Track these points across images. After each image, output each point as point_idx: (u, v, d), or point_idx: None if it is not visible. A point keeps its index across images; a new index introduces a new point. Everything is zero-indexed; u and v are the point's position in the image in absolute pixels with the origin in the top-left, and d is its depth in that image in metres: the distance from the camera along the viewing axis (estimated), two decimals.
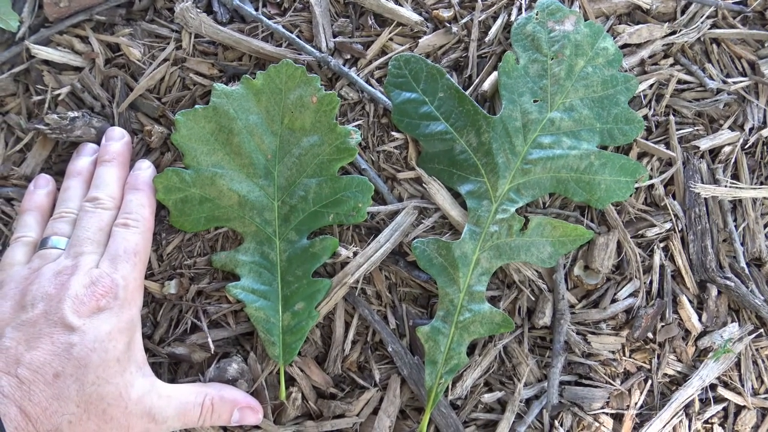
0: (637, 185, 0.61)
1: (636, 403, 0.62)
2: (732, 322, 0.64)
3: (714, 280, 0.63)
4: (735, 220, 0.65)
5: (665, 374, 0.63)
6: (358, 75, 0.62)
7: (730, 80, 0.66)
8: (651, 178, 0.63)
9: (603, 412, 0.62)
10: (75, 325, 0.46)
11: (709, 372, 0.63)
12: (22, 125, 0.62)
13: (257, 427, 0.59)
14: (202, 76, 0.62)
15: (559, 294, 0.61)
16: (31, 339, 0.45)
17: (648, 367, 0.63)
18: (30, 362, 0.44)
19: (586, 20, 0.62)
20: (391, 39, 0.64)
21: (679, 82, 0.66)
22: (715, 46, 0.67)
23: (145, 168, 0.58)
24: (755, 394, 0.65)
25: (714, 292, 0.64)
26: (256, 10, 0.64)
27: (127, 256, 0.51)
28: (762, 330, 0.65)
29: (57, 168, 0.61)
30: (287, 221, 0.58)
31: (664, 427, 0.62)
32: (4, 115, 0.63)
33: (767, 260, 0.65)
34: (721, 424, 0.64)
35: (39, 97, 0.62)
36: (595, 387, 0.62)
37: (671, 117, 0.64)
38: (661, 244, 0.64)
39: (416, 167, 0.61)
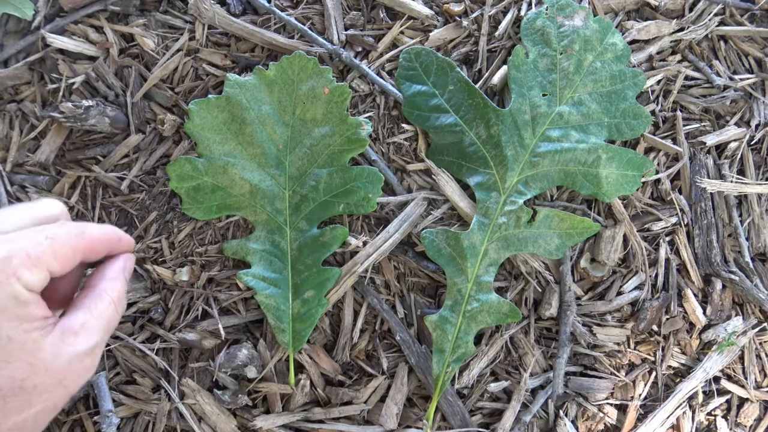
0: (643, 179, 0.62)
1: (640, 395, 0.63)
2: (736, 315, 0.65)
3: (719, 274, 0.64)
4: (740, 215, 0.66)
5: (669, 366, 0.64)
6: (369, 67, 0.63)
7: (737, 77, 0.67)
8: (657, 172, 0.64)
9: (607, 403, 0.63)
10: None
11: (712, 365, 0.64)
12: (36, 113, 0.63)
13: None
14: (214, 66, 0.63)
15: (565, 285, 0.62)
16: None
17: (652, 359, 0.64)
18: None
19: (595, 16, 0.62)
20: (402, 32, 0.64)
21: (687, 78, 0.66)
22: (722, 43, 0.68)
23: None
24: (758, 386, 0.65)
25: (719, 285, 0.64)
26: (269, 2, 0.64)
27: None
28: (766, 324, 0.65)
29: (70, 156, 0.62)
30: (298, 210, 0.58)
31: (667, 418, 0.62)
32: (20, 102, 0.63)
33: None
34: (724, 416, 0.65)
35: (54, 86, 0.63)
36: (600, 378, 0.63)
37: (678, 113, 0.65)
38: (667, 238, 0.64)
39: (426, 159, 0.62)
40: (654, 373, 0.64)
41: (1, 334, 0.39)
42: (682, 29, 0.66)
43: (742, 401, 0.65)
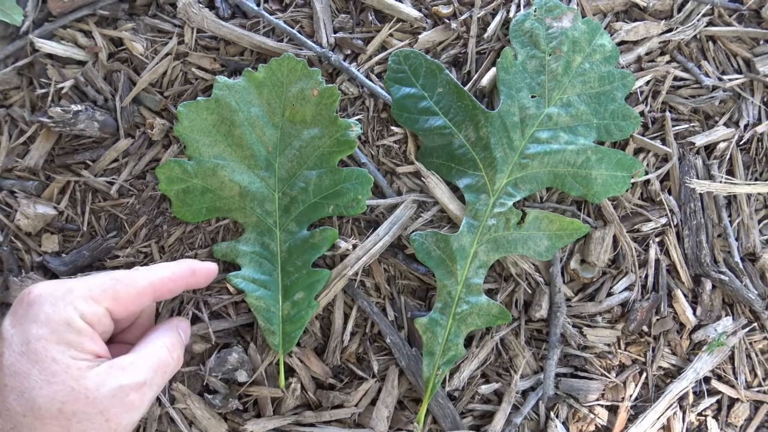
0: (633, 180, 0.62)
1: (631, 395, 0.63)
2: (726, 315, 0.65)
3: (708, 274, 0.64)
4: (730, 216, 0.66)
5: (660, 367, 0.64)
6: (358, 70, 0.63)
7: (725, 77, 0.67)
8: (647, 173, 0.64)
9: (598, 404, 0.63)
10: (5, 335, 0.42)
11: (703, 365, 0.64)
12: (25, 118, 0.63)
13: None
14: (204, 70, 0.63)
15: (555, 287, 0.62)
16: None
17: (643, 359, 0.64)
18: None
19: (583, 17, 0.63)
20: (391, 35, 0.64)
21: (676, 78, 0.66)
22: (711, 43, 0.68)
23: None
24: (748, 387, 0.65)
25: (708, 286, 0.65)
26: (258, 5, 0.64)
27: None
28: (755, 324, 0.66)
29: (59, 161, 0.62)
30: (288, 212, 0.58)
31: (658, 419, 0.62)
32: (8, 107, 0.63)
33: (761, 255, 0.66)
34: (715, 417, 0.65)
35: (42, 91, 0.62)
36: (591, 379, 0.63)
37: (667, 113, 0.65)
38: (657, 239, 0.65)
39: (415, 161, 0.62)
40: (644, 374, 0.64)
41: (47, 355, 0.40)
42: (670, 30, 0.67)
43: (733, 401, 0.65)
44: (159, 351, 0.47)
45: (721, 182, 0.65)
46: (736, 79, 0.67)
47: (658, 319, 0.64)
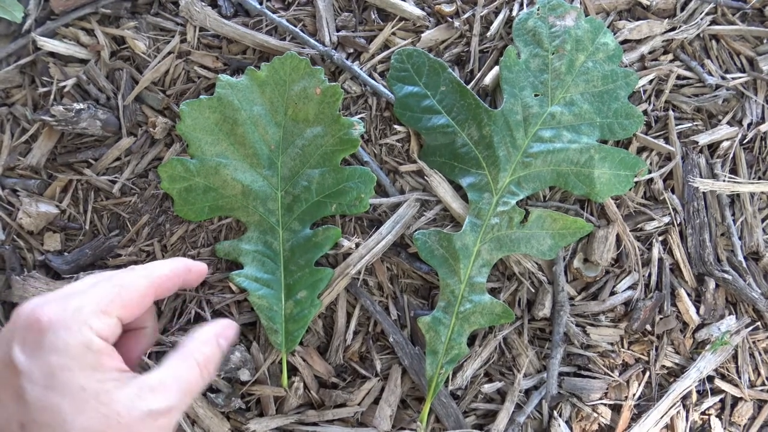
0: (636, 179, 0.62)
1: (634, 395, 0.63)
2: (729, 314, 0.65)
3: (712, 273, 0.64)
4: (733, 215, 0.66)
5: (663, 366, 0.64)
6: (361, 69, 0.63)
7: (728, 76, 0.67)
8: (650, 172, 0.64)
9: (601, 403, 0.62)
10: (21, 367, 0.39)
11: (706, 364, 0.64)
12: (27, 116, 0.63)
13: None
14: (206, 69, 0.63)
15: (558, 286, 0.62)
16: None
17: (646, 358, 0.64)
18: None
19: (586, 16, 0.62)
20: (393, 33, 0.64)
21: (679, 77, 0.66)
22: (714, 42, 0.68)
23: None
24: (752, 385, 0.65)
25: (712, 285, 0.64)
26: (260, 3, 0.64)
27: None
28: (759, 323, 0.65)
29: (61, 160, 0.62)
30: (290, 211, 0.58)
31: (661, 418, 0.62)
32: (10, 106, 0.63)
33: (765, 254, 0.66)
34: (718, 416, 0.65)
35: (45, 89, 0.62)
36: (594, 378, 0.62)
37: (670, 112, 0.65)
38: (660, 238, 0.64)
39: (418, 160, 0.62)
40: (648, 373, 0.64)
41: (75, 383, 0.39)
42: (673, 29, 0.67)
43: (736, 400, 0.65)
44: (190, 372, 0.44)
45: (724, 181, 0.65)
46: (740, 77, 0.67)
47: (661, 318, 0.64)
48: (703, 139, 0.65)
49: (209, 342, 0.47)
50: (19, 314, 0.41)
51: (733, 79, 0.67)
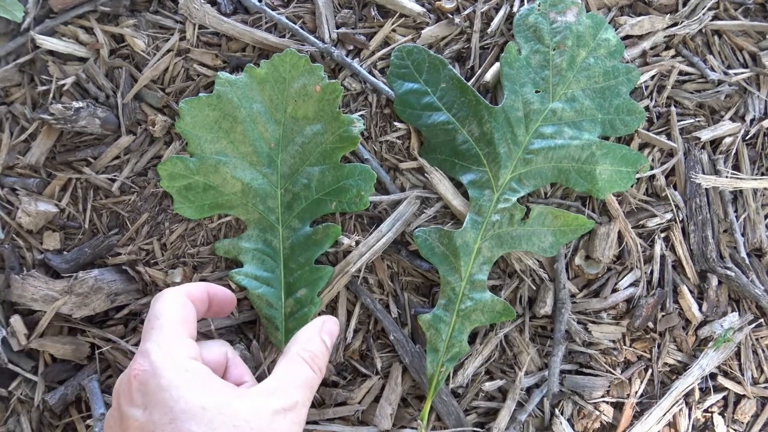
0: (638, 176, 0.61)
1: (636, 392, 0.63)
2: (732, 311, 0.65)
3: (714, 270, 0.64)
4: (736, 211, 0.65)
5: (665, 363, 0.64)
6: (360, 66, 0.62)
7: (731, 71, 0.66)
8: (652, 168, 0.64)
9: (603, 401, 0.62)
10: (141, 420, 0.41)
11: (709, 361, 0.63)
12: (27, 115, 0.63)
13: None
14: (205, 66, 0.63)
15: (560, 283, 0.61)
16: None
17: (648, 356, 0.63)
18: None
19: (588, 11, 0.62)
20: (393, 30, 0.64)
21: (681, 73, 0.66)
22: (716, 37, 0.67)
23: None
24: (755, 383, 0.65)
25: (714, 282, 0.64)
26: (260, 1, 0.64)
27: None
28: (762, 320, 0.65)
29: (61, 158, 0.62)
30: (290, 209, 0.58)
31: (664, 415, 0.62)
32: (10, 105, 0.63)
33: (767, 251, 0.65)
34: (721, 413, 0.64)
35: (44, 88, 0.62)
36: (596, 376, 0.62)
37: (672, 108, 0.65)
38: (662, 234, 0.64)
39: (418, 157, 0.61)
40: (650, 371, 0.63)
41: (195, 406, 0.40)
42: (675, 24, 0.66)
43: (739, 398, 0.65)
44: (301, 370, 0.46)
45: (727, 177, 0.65)
46: (742, 73, 0.66)
47: (663, 316, 0.63)
48: (706, 135, 0.65)
49: (312, 339, 0.49)
50: (116, 385, 0.44)
51: (736, 74, 0.66)
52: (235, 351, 0.52)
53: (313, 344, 0.48)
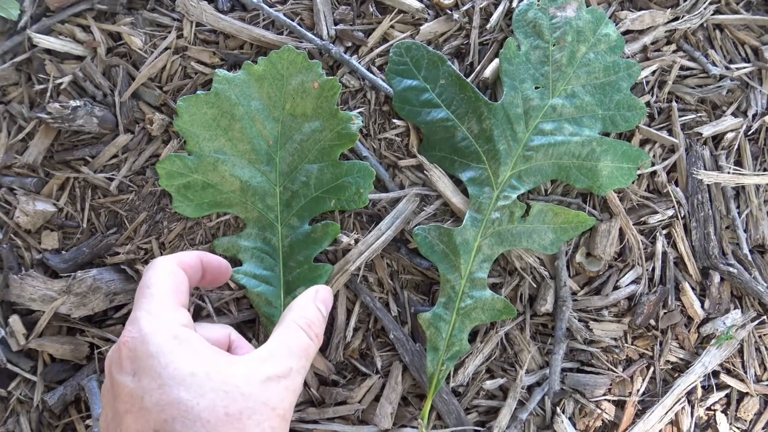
0: (639, 172, 0.61)
1: (638, 390, 0.62)
2: (735, 308, 0.64)
3: (717, 266, 0.63)
4: (738, 207, 0.65)
5: (667, 361, 0.63)
6: (359, 62, 0.62)
7: (733, 66, 0.66)
8: (653, 164, 0.63)
9: (605, 399, 0.62)
10: (131, 386, 0.40)
11: (711, 359, 0.63)
12: (24, 114, 0.62)
13: None
14: (203, 64, 0.63)
15: (560, 281, 0.61)
16: None
17: (650, 354, 0.63)
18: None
19: (587, 6, 0.61)
20: (392, 26, 0.63)
21: (682, 68, 0.65)
22: (718, 32, 0.67)
23: None
24: (758, 380, 0.65)
25: (716, 278, 0.64)
26: None
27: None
28: (765, 317, 0.65)
29: (58, 158, 0.61)
30: (289, 207, 0.58)
31: (666, 413, 0.61)
32: (7, 104, 0.63)
33: None
34: (724, 411, 0.64)
35: (41, 86, 0.62)
36: (597, 374, 0.62)
37: (674, 103, 0.64)
38: (664, 231, 0.64)
39: (417, 154, 0.61)
40: (652, 368, 0.63)
41: (184, 372, 0.39)
42: (676, 18, 0.66)
43: (742, 395, 0.64)
44: (295, 336, 0.45)
45: (729, 173, 0.64)
46: (744, 68, 0.66)
47: (665, 313, 0.63)
48: (707, 130, 0.64)
49: (307, 306, 0.48)
50: (108, 354, 0.43)
51: (738, 69, 0.66)
52: (239, 335, 0.51)
53: (309, 311, 0.48)
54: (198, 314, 0.60)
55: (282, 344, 0.44)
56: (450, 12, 0.63)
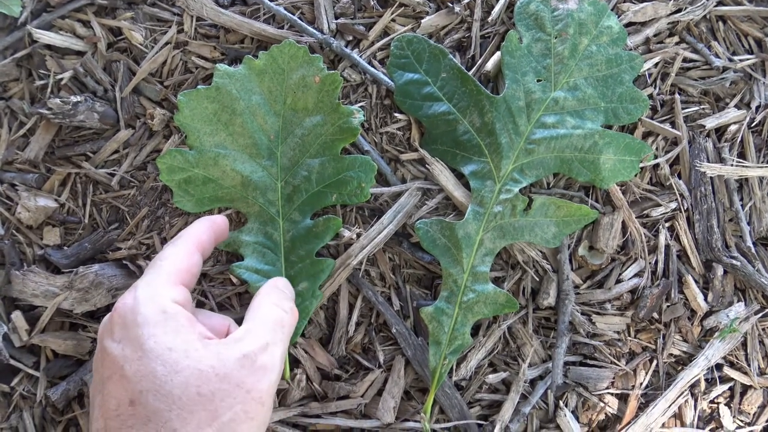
0: (642, 165, 0.60)
1: (641, 383, 0.62)
2: (738, 301, 0.64)
3: (720, 259, 0.63)
4: (741, 199, 0.65)
5: (671, 354, 0.63)
6: (360, 56, 0.62)
7: (736, 58, 0.65)
8: (656, 157, 0.63)
9: (608, 393, 0.62)
10: (116, 353, 0.41)
11: (714, 352, 0.63)
12: (25, 110, 0.62)
13: None
14: (204, 59, 0.62)
15: (563, 274, 0.61)
16: None
17: (653, 347, 0.63)
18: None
19: None
20: (393, 20, 0.63)
21: (685, 60, 0.65)
22: (721, 23, 0.66)
23: None
24: (761, 373, 0.64)
25: (720, 271, 0.63)
26: None
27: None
28: None
29: (60, 153, 0.61)
30: (290, 201, 0.58)
31: (669, 407, 0.61)
32: (8, 100, 0.63)
33: None
34: (727, 404, 0.64)
35: (42, 82, 0.62)
36: (600, 367, 0.62)
37: (677, 96, 0.64)
38: (667, 224, 0.63)
39: (419, 148, 0.61)
40: (655, 362, 0.63)
41: (162, 346, 0.40)
42: (679, 10, 0.65)
43: (745, 388, 0.64)
44: (269, 310, 0.47)
45: (732, 165, 0.64)
46: (747, 59, 0.65)
47: (668, 306, 0.63)
48: (710, 122, 0.64)
49: (271, 289, 0.50)
50: (102, 321, 0.45)
51: (741, 61, 0.65)
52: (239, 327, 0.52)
53: (272, 291, 0.50)
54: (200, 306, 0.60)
55: (255, 322, 0.45)
56: (451, 5, 0.63)
